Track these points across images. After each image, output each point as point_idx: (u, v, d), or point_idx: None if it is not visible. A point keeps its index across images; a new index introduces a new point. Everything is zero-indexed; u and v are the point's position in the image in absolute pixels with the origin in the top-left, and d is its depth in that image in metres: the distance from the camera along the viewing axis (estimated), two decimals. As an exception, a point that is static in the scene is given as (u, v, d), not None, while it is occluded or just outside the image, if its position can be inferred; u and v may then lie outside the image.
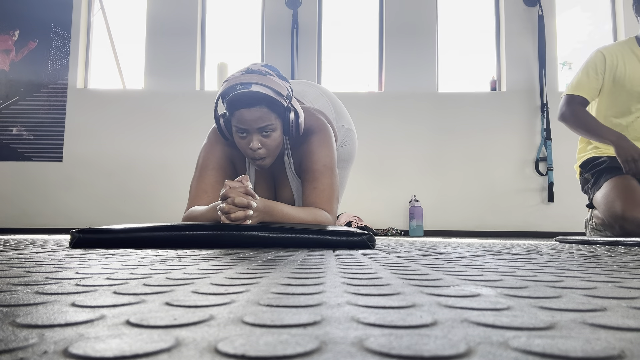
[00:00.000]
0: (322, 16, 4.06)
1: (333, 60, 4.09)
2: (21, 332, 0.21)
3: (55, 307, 0.27)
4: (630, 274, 0.49)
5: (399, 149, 3.80)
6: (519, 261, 0.67)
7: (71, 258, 0.67)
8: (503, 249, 1.08)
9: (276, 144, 1.30)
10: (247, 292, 0.34)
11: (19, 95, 3.94)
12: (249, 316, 0.25)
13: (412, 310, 0.27)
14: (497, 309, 0.27)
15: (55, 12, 4.00)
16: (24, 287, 0.36)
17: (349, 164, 1.72)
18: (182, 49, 3.95)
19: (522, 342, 0.19)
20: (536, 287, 0.38)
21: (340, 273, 0.47)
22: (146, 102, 3.92)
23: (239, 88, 1.20)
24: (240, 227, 1.00)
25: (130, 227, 1.01)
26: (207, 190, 1.35)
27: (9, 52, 3.98)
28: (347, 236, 1.02)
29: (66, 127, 3.92)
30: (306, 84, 1.76)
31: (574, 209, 3.57)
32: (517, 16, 3.88)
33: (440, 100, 3.86)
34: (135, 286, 0.37)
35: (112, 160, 3.88)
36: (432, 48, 3.90)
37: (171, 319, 0.24)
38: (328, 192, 1.31)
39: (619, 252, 0.98)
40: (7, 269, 0.50)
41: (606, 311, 0.27)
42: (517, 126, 3.80)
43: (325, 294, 0.33)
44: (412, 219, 3.58)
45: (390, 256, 0.75)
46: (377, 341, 0.19)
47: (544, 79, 3.76)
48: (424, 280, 0.42)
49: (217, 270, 0.49)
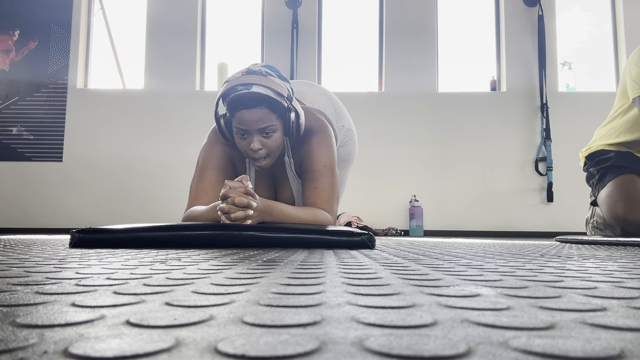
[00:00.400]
0: (322, 16, 4.06)
1: (333, 60, 4.09)
2: (21, 332, 0.21)
3: (55, 307, 0.27)
4: (630, 274, 0.49)
5: (399, 149, 3.81)
6: (519, 261, 0.67)
7: (71, 258, 0.67)
8: (503, 249, 1.08)
9: (277, 144, 1.30)
10: (247, 292, 0.34)
11: (19, 95, 3.94)
12: (249, 316, 0.25)
13: (412, 310, 0.27)
14: (497, 309, 0.27)
15: (55, 12, 4.00)
16: (24, 287, 0.36)
17: (349, 164, 1.72)
18: (182, 49, 3.95)
19: (522, 342, 0.19)
20: (536, 287, 0.38)
21: (340, 273, 0.47)
22: (146, 102, 3.92)
23: (240, 89, 1.20)
24: (240, 227, 1.00)
25: (130, 227, 1.01)
26: (207, 190, 1.35)
27: (9, 52, 3.98)
28: (347, 236, 1.02)
29: (66, 127, 3.92)
30: (306, 84, 1.76)
31: (574, 209, 3.58)
32: (517, 16, 3.88)
33: (440, 100, 3.86)
34: (135, 286, 0.37)
35: (112, 160, 3.88)
36: (432, 48, 3.90)
37: (171, 319, 0.24)
38: (328, 192, 1.31)
39: (619, 252, 0.98)
40: (7, 269, 0.50)
41: (606, 311, 0.27)
42: (517, 126, 3.80)
43: (325, 294, 0.33)
44: (412, 219, 3.58)
45: (390, 256, 0.75)
46: (377, 341, 0.19)
47: (544, 79, 3.76)
48: (424, 280, 0.42)
49: (217, 270, 0.49)
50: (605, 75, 3.98)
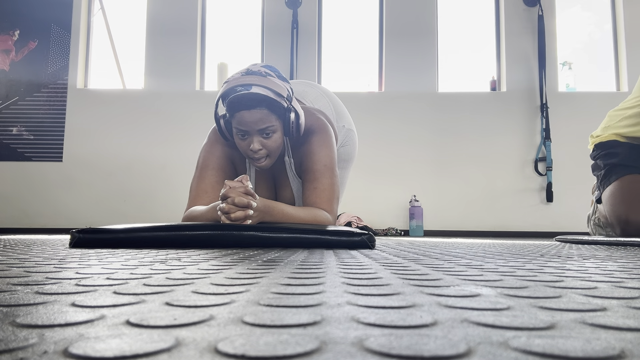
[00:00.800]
0: (322, 16, 4.06)
1: (333, 60, 4.09)
2: (21, 332, 0.21)
3: (55, 307, 0.27)
4: (630, 274, 0.49)
5: (399, 149, 3.81)
6: (519, 261, 0.67)
7: (71, 258, 0.67)
8: (503, 249, 1.08)
9: (277, 145, 1.30)
10: (247, 292, 0.34)
11: (19, 95, 3.94)
12: (249, 316, 0.25)
13: (412, 310, 0.27)
14: (497, 309, 0.27)
15: (55, 12, 4.00)
16: (24, 287, 0.36)
17: (349, 164, 1.72)
18: (182, 49, 3.95)
19: (522, 342, 0.19)
20: (536, 287, 0.38)
21: (340, 273, 0.47)
22: (146, 102, 3.92)
23: (239, 90, 1.20)
24: (240, 227, 1.00)
25: (130, 227, 1.01)
26: (207, 190, 1.35)
27: (9, 52, 3.98)
28: (347, 236, 1.02)
29: (66, 127, 3.92)
30: (307, 84, 1.76)
31: (573, 209, 3.58)
32: (517, 16, 3.88)
33: (440, 100, 3.86)
34: (135, 286, 0.37)
35: (112, 160, 3.88)
36: (432, 48, 3.90)
37: (171, 319, 0.24)
38: (328, 192, 1.31)
39: (619, 252, 0.98)
40: (7, 269, 0.50)
41: (606, 311, 0.27)
42: (517, 126, 3.80)
43: (325, 294, 0.33)
44: (412, 219, 3.58)
45: (390, 256, 0.75)
46: (377, 341, 0.19)
47: (544, 79, 3.76)
48: (424, 280, 0.42)
49: (217, 270, 0.49)
50: (605, 75, 3.98)
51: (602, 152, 1.84)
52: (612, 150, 1.81)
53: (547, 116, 3.72)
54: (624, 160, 1.75)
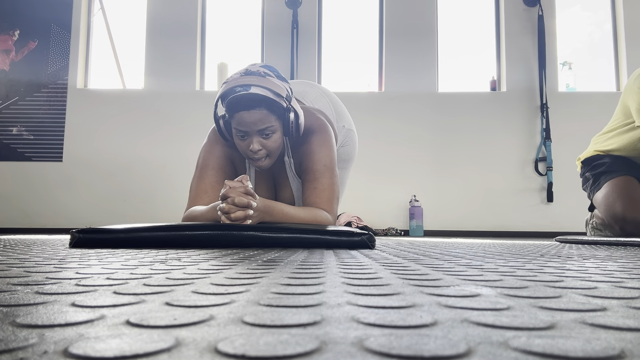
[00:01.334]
0: (322, 16, 4.06)
1: (333, 60, 4.09)
2: (21, 332, 0.21)
3: (55, 307, 0.27)
4: (630, 274, 0.49)
5: (399, 149, 3.81)
6: (519, 261, 0.67)
7: (71, 258, 0.67)
8: (503, 249, 1.08)
9: (276, 145, 1.30)
10: (247, 292, 0.34)
11: (19, 95, 3.94)
12: (249, 316, 0.25)
13: (412, 310, 0.27)
14: (497, 309, 0.27)
15: (55, 12, 4.00)
16: (24, 287, 0.36)
17: (349, 164, 1.72)
18: (182, 49, 3.95)
19: (522, 342, 0.19)
20: (536, 287, 0.38)
21: (340, 273, 0.47)
22: (146, 102, 3.92)
23: (238, 90, 1.20)
24: (240, 227, 1.00)
25: (130, 227, 1.01)
26: (207, 190, 1.35)
27: (9, 52, 3.98)
28: (347, 236, 1.02)
29: (66, 127, 3.92)
30: (306, 84, 1.76)
31: (573, 209, 3.58)
32: (517, 16, 3.88)
33: (440, 100, 3.86)
34: (135, 286, 0.37)
35: (112, 160, 3.88)
36: (432, 48, 3.90)
37: (171, 319, 0.24)
38: (328, 192, 1.31)
39: (619, 252, 0.98)
40: (7, 269, 0.50)
41: (606, 311, 0.27)
42: (517, 126, 3.80)
43: (325, 294, 0.33)
44: (412, 219, 3.58)
45: (390, 256, 0.75)
46: (377, 341, 0.19)
47: (544, 79, 3.76)
48: (424, 280, 0.42)
49: (217, 270, 0.49)
50: (605, 75, 3.98)
51: (589, 166, 1.94)
52: (597, 162, 1.90)
53: (547, 116, 3.72)
54: (610, 167, 1.84)
